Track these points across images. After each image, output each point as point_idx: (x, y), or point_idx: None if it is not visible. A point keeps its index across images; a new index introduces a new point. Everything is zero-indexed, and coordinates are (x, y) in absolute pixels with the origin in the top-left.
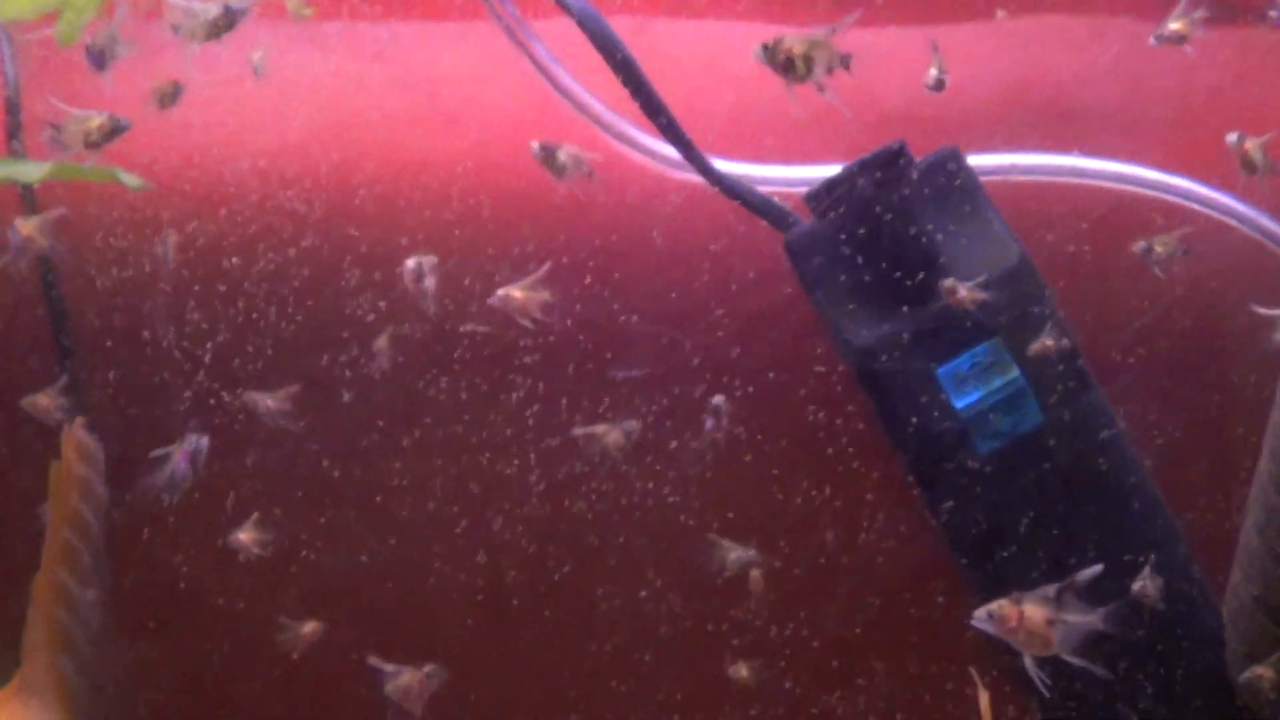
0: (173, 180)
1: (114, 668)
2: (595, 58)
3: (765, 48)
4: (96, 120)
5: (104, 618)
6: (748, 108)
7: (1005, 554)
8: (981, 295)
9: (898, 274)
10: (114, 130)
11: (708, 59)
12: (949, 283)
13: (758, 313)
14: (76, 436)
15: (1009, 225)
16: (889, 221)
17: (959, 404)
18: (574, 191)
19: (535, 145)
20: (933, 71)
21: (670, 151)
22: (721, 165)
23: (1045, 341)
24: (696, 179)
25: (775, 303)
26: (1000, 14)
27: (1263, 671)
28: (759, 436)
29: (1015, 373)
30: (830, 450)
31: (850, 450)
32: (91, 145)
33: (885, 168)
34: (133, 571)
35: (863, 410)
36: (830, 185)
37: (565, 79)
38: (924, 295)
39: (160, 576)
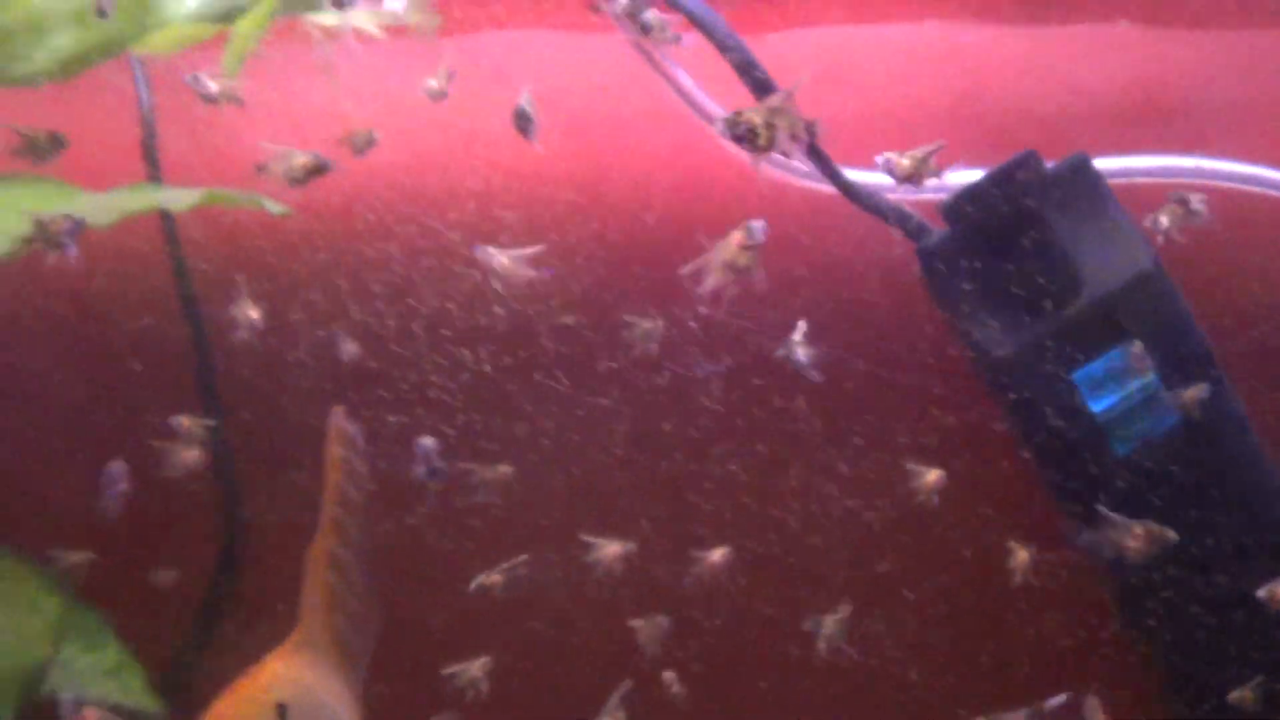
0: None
1: (375, 624)
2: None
3: (726, 120)
4: (300, 159)
5: (366, 580)
6: (872, 115)
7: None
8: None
9: (1032, 281)
10: (317, 169)
11: (831, 68)
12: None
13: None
14: (337, 424)
15: (1139, 229)
16: (1023, 230)
17: (1096, 408)
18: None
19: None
20: None
21: (800, 163)
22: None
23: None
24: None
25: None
26: (1123, 24)
27: None
28: None
29: (1151, 376)
30: None
31: None
32: (295, 183)
33: (1017, 177)
34: None
35: None
36: (964, 196)
37: (693, 91)
38: (1059, 302)
39: None
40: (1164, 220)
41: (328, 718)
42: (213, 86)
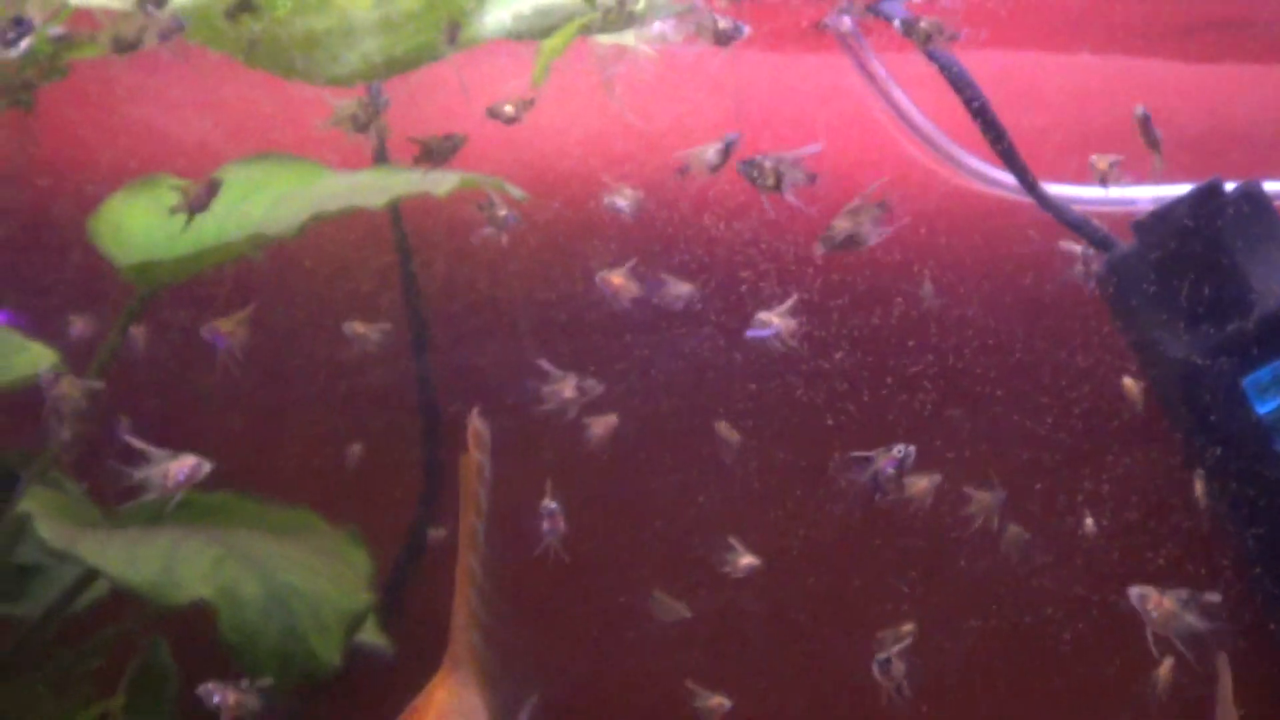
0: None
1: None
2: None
3: (742, 164)
4: (713, 149)
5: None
6: (1055, 131)
7: None
8: None
9: (1210, 295)
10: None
11: (1022, 85)
12: None
13: None
14: (475, 426)
15: None
16: (1205, 249)
17: (1261, 410)
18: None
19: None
20: None
21: (997, 174)
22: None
23: None
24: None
25: None
26: None
27: None
28: None
29: None
30: None
31: None
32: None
33: (1204, 201)
34: None
35: None
36: (1156, 215)
37: (905, 104)
38: (1232, 314)
39: None
40: None
41: None
42: (509, 110)
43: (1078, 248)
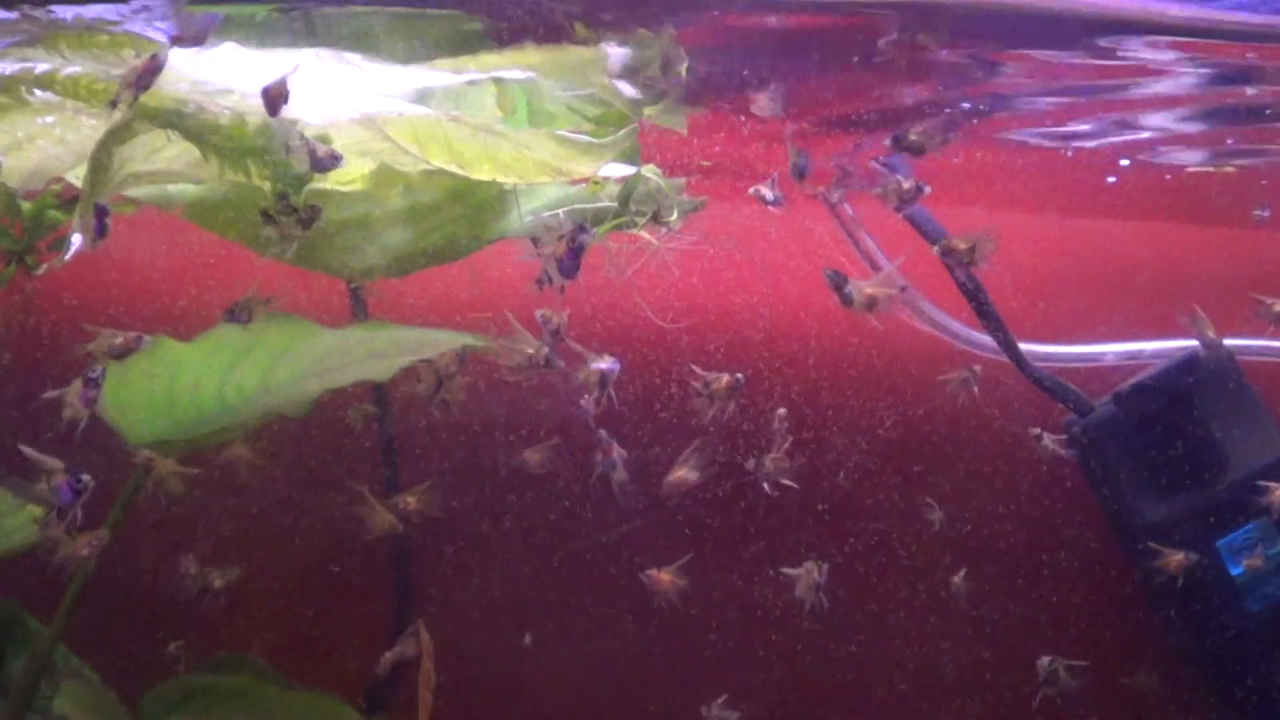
0: None
1: None
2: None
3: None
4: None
5: None
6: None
7: (1268, 703)
8: None
9: (1186, 461)
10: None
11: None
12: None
13: None
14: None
15: (1274, 420)
16: (1182, 418)
17: (1234, 571)
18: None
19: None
20: None
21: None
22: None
23: None
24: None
25: None
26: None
27: None
28: None
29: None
30: None
31: None
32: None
33: (1182, 373)
34: None
35: None
36: (1136, 385)
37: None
38: (1207, 479)
39: None
40: None
41: None
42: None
43: None
